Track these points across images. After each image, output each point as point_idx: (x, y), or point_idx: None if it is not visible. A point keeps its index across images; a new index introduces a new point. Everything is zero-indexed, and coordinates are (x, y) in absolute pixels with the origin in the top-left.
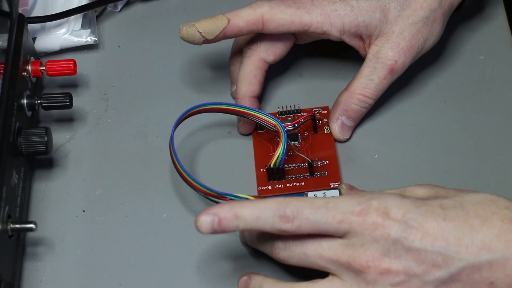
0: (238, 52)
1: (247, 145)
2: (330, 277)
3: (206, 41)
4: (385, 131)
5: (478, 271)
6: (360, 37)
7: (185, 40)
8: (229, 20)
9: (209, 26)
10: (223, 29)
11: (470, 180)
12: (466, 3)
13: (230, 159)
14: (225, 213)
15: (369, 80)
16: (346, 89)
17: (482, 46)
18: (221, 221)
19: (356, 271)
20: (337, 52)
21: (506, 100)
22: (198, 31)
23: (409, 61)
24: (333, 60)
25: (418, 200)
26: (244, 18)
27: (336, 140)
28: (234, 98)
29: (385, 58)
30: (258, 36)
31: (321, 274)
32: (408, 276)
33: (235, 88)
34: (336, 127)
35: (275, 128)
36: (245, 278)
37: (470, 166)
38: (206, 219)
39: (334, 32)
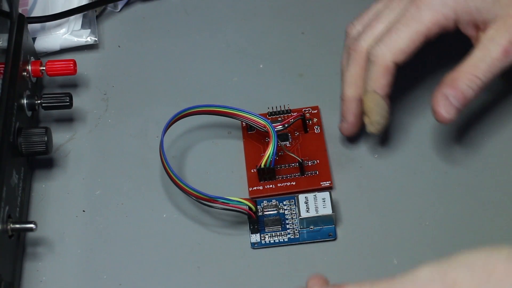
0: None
1: (241, 146)
2: None
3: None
4: (385, 131)
5: None
6: (475, 24)
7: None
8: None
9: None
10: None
11: (470, 180)
12: None
13: (228, 159)
14: None
15: (480, 61)
16: (453, 70)
17: None
18: None
19: None
20: (337, 51)
21: (506, 100)
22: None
23: None
24: (332, 59)
25: None
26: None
27: (440, 121)
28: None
29: (499, 39)
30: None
31: None
32: None
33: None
34: (441, 103)
35: (265, 129)
36: None
37: (470, 166)
38: None
39: (450, 24)
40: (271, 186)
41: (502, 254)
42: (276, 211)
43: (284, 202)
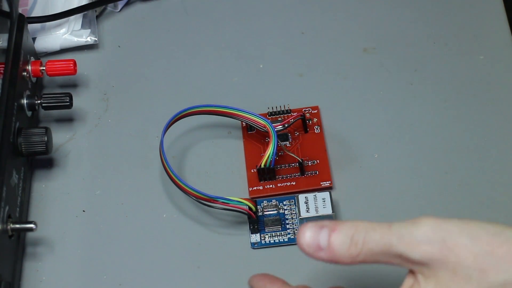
0: None
1: (241, 146)
2: None
3: None
4: (385, 131)
5: None
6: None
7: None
8: None
9: None
10: None
11: (470, 180)
12: None
13: (228, 159)
14: None
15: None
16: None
17: (482, 46)
18: None
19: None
20: (337, 51)
21: (506, 100)
22: None
23: None
24: (332, 59)
25: None
26: None
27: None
28: None
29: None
30: None
31: None
32: None
33: None
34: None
35: (265, 129)
36: None
37: (470, 166)
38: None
39: None
40: (271, 186)
41: (509, 236)
42: (276, 211)
43: (284, 202)
